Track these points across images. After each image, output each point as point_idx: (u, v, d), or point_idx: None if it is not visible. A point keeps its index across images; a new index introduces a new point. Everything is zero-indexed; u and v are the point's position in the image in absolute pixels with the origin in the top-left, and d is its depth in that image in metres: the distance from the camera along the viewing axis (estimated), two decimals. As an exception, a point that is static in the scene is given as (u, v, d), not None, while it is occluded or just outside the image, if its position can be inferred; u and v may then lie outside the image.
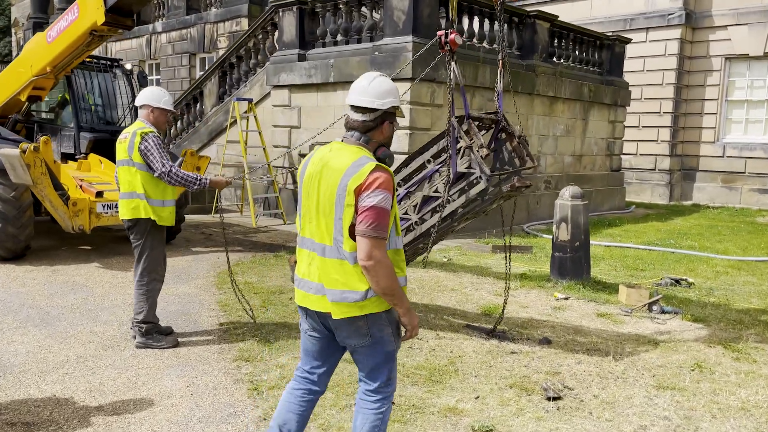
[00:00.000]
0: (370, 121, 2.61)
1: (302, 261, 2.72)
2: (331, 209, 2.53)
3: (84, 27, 7.44)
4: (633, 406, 3.89)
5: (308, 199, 2.64)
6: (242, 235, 9.98)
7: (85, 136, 9.05)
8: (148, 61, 21.56)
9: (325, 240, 2.57)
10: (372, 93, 2.60)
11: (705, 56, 16.86)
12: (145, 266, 4.78)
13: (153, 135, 4.68)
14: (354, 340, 2.63)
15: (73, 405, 3.77)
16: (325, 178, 2.56)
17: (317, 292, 2.63)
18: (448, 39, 4.59)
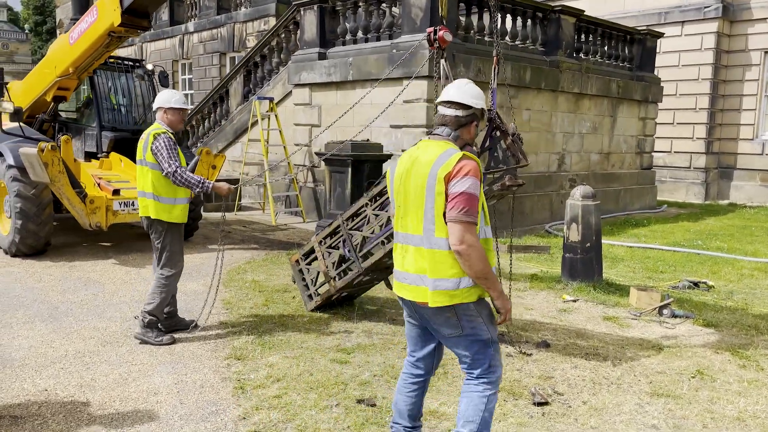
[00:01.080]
0: (462, 117, 2.81)
1: (398, 255, 2.89)
2: (422, 200, 2.70)
3: (102, 28, 7.60)
4: (621, 414, 3.77)
5: (399, 195, 2.85)
6: (260, 233, 10.07)
7: (107, 135, 9.27)
8: (180, 61, 21.96)
9: (418, 230, 2.74)
10: (468, 93, 2.84)
11: (743, 50, 16.25)
12: (165, 262, 4.94)
13: (165, 136, 4.79)
14: (446, 329, 2.78)
15: (62, 400, 3.86)
16: (415, 171, 2.75)
17: (412, 282, 2.79)
18: (437, 36, 4.51)
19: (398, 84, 10.03)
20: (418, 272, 2.75)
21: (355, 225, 5.18)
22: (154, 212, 4.86)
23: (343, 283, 5.28)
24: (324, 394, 3.95)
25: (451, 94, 2.83)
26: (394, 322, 5.47)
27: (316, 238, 5.46)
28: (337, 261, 5.29)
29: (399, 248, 2.89)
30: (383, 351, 4.74)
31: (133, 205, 7.95)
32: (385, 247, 4.90)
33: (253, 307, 5.83)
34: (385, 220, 4.95)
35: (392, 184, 2.93)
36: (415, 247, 2.76)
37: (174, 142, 4.82)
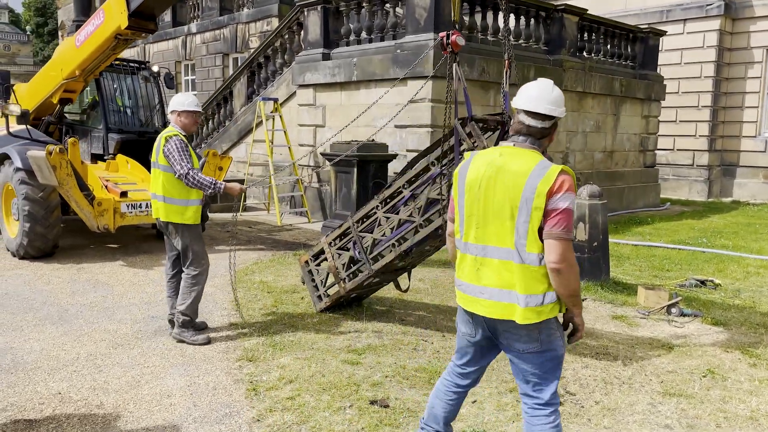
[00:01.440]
0: (547, 127, 2.66)
1: (466, 266, 2.73)
2: (513, 213, 2.55)
3: (109, 31, 7.62)
4: (634, 413, 3.78)
5: (477, 203, 2.66)
6: (266, 234, 10.09)
7: (113, 137, 9.29)
8: (183, 62, 21.99)
9: (505, 243, 2.58)
10: (553, 101, 2.66)
11: (745, 48, 16.25)
12: (190, 261, 4.98)
13: (177, 138, 4.82)
14: (522, 344, 2.63)
15: (75, 403, 3.88)
16: (503, 182, 2.58)
17: (491, 297, 2.63)
18: (450, 40, 4.51)
19: (403, 84, 10.05)
20: (502, 287, 2.60)
21: (366, 227, 5.19)
22: (164, 215, 4.90)
23: (353, 285, 5.29)
24: (337, 395, 3.97)
25: (533, 105, 2.63)
26: (403, 322, 5.48)
27: (326, 239, 5.47)
28: (347, 262, 5.30)
29: (469, 260, 2.71)
30: (394, 352, 4.76)
31: (141, 207, 7.98)
32: (396, 250, 4.91)
33: (263, 308, 5.85)
34: (396, 222, 4.96)
35: (462, 189, 2.74)
36: (500, 261, 2.60)
37: (186, 144, 4.84)
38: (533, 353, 2.62)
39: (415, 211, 4.83)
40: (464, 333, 2.85)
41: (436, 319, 5.59)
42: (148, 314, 5.70)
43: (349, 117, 11.09)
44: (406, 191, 4.92)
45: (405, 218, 4.88)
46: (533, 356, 2.63)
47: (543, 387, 2.68)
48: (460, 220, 2.76)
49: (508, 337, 2.65)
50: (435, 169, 4.78)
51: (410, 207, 4.89)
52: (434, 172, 4.75)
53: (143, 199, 8.06)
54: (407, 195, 4.91)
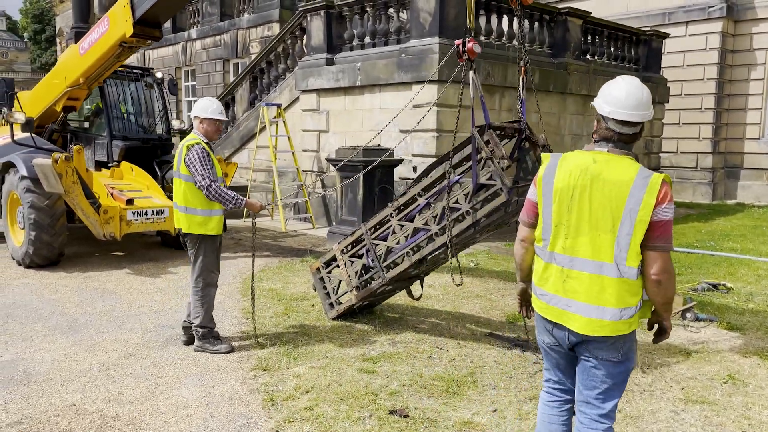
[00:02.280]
0: (638, 132, 2.57)
1: (550, 276, 2.63)
2: (615, 225, 2.44)
3: (114, 39, 7.58)
4: (658, 422, 3.73)
5: (568, 213, 2.55)
6: (271, 240, 10.03)
7: (118, 144, 9.24)
8: (183, 68, 21.96)
9: (600, 257, 2.48)
10: (645, 105, 2.55)
11: (748, 50, 16.25)
12: (198, 273, 4.90)
13: (199, 147, 4.73)
14: (604, 353, 2.56)
15: (91, 415, 3.82)
16: (601, 192, 2.47)
17: (578, 311, 2.54)
18: (466, 48, 4.46)
19: (407, 89, 10.03)
20: (591, 302, 2.50)
21: (379, 235, 5.13)
22: (186, 225, 4.83)
23: (366, 293, 5.24)
24: (355, 405, 3.92)
25: (629, 114, 2.50)
26: (416, 330, 5.43)
27: (338, 246, 5.42)
28: (360, 270, 5.25)
29: (555, 270, 2.60)
30: (409, 360, 4.70)
31: (147, 215, 7.93)
32: (411, 258, 4.86)
33: (273, 316, 5.80)
34: (410, 231, 4.90)
35: (548, 196, 2.61)
36: (591, 274, 2.50)
37: (207, 153, 4.74)
38: (612, 362, 2.56)
39: (430, 220, 4.77)
40: (550, 344, 2.74)
41: (450, 327, 5.54)
42: (158, 323, 5.64)
43: (354, 122, 11.07)
44: (422, 199, 4.86)
45: (420, 226, 4.83)
46: (611, 365, 2.57)
47: (608, 398, 2.61)
48: (545, 228, 2.63)
49: (591, 344, 2.57)
50: (452, 177, 4.72)
51: (426, 215, 4.83)
52: (451, 181, 4.69)
53: (149, 206, 8.02)
54: (422, 203, 4.86)
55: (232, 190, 4.85)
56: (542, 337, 2.77)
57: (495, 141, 4.35)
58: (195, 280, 4.93)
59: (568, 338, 2.61)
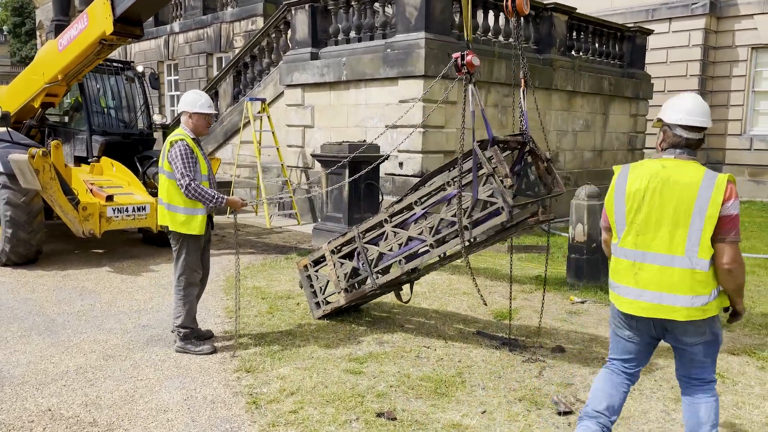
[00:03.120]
0: (702, 138, 2.88)
1: (622, 269, 2.93)
2: (686, 221, 2.74)
3: (93, 36, 7.37)
4: (649, 422, 3.68)
5: (639, 213, 2.85)
6: (255, 237, 9.90)
7: (97, 139, 9.04)
8: (166, 62, 21.65)
9: (674, 251, 2.78)
10: (706, 113, 2.88)
11: (730, 46, 16.34)
12: (181, 272, 4.78)
13: (182, 143, 4.59)
14: (690, 338, 2.86)
15: (66, 420, 3.69)
16: (671, 193, 2.77)
17: (652, 299, 2.83)
18: (465, 61, 4.35)
19: (393, 84, 9.93)
20: (662, 290, 2.81)
21: (371, 238, 5.02)
22: (169, 223, 4.70)
23: (355, 297, 5.16)
24: (341, 407, 3.82)
25: (696, 120, 2.83)
26: (403, 329, 5.35)
27: (327, 246, 5.30)
28: (350, 272, 5.15)
29: (626, 264, 2.91)
30: (396, 360, 4.62)
31: (128, 212, 7.76)
32: (403, 267, 4.76)
33: (257, 315, 5.68)
34: (404, 239, 4.77)
35: (620, 200, 2.91)
36: (661, 266, 2.80)
37: (191, 150, 4.60)
38: (701, 344, 2.87)
39: (426, 230, 4.66)
40: (627, 336, 3.02)
41: (437, 325, 5.47)
42: (138, 323, 5.51)
43: (339, 117, 10.95)
44: (418, 208, 4.73)
45: (415, 236, 4.72)
46: (700, 347, 2.87)
47: (706, 368, 2.94)
48: (618, 228, 2.93)
49: (676, 331, 2.87)
50: (451, 190, 4.58)
51: (421, 225, 4.71)
52: (450, 193, 4.56)
53: (130, 203, 7.85)
54: (419, 213, 4.73)
55: (212, 189, 4.72)
56: (620, 330, 3.05)
57: (499, 158, 4.23)
58: (177, 279, 4.81)
59: (649, 326, 2.92)
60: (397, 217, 4.87)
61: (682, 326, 2.83)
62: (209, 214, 4.78)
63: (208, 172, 4.79)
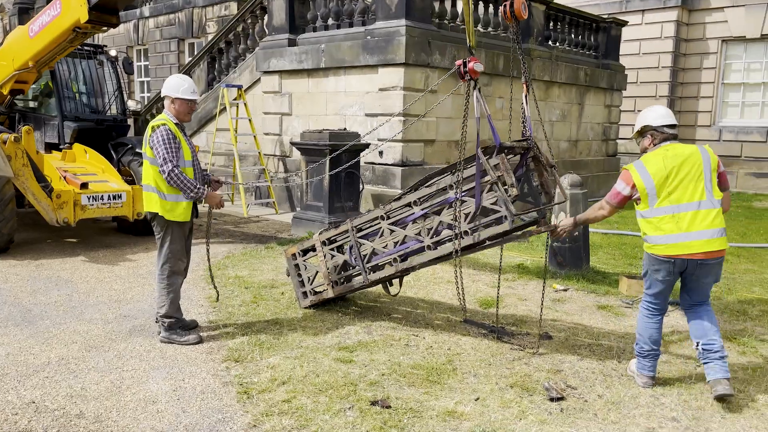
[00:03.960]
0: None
1: (666, 224, 3.76)
2: (701, 176, 3.75)
3: (67, 24, 7.11)
4: (639, 407, 3.74)
5: (669, 180, 3.75)
6: (233, 226, 9.77)
7: (69, 126, 8.79)
8: (135, 47, 21.15)
9: (698, 198, 3.74)
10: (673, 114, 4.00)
11: (701, 39, 16.64)
12: (165, 260, 4.68)
13: (164, 128, 4.48)
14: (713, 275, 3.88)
15: (52, 412, 3.58)
16: (682, 160, 3.77)
17: (709, 236, 3.73)
18: (468, 68, 4.30)
19: (373, 72, 9.86)
20: (712, 227, 3.73)
21: (365, 233, 4.97)
22: (153, 208, 4.60)
23: (345, 290, 5.14)
24: (335, 396, 3.79)
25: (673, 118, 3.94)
26: (391, 317, 5.34)
27: (319, 236, 5.24)
28: (341, 265, 5.11)
29: (667, 218, 3.75)
30: (386, 348, 4.61)
31: (103, 200, 7.57)
32: (397, 266, 4.73)
33: (242, 305, 5.61)
34: (401, 237, 4.72)
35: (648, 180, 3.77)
36: (695, 211, 3.73)
37: (173, 135, 4.49)
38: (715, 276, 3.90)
39: (424, 231, 4.62)
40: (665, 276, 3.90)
41: (425, 314, 5.47)
42: (119, 313, 5.38)
43: (317, 105, 10.84)
44: (417, 209, 4.68)
45: (413, 236, 4.68)
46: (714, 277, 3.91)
47: (707, 292, 3.99)
48: (650, 198, 3.80)
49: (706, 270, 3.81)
50: (451, 194, 4.52)
51: (419, 225, 4.66)
52: (450, 197, 4.49)
53: (105, 190, 7.66)
54: (418, 213, 4.67)
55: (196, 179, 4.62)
56: (660, 274, 3.89)
57: (506, 167, 4.18)
58: (161, 268, 4.70)
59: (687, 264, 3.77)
60: (395, 214, 4.82)
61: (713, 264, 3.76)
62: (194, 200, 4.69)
63: (192, 158, 4.68)
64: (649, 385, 4.00)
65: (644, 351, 4.02)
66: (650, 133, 3.92)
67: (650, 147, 3.93)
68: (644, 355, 4.03)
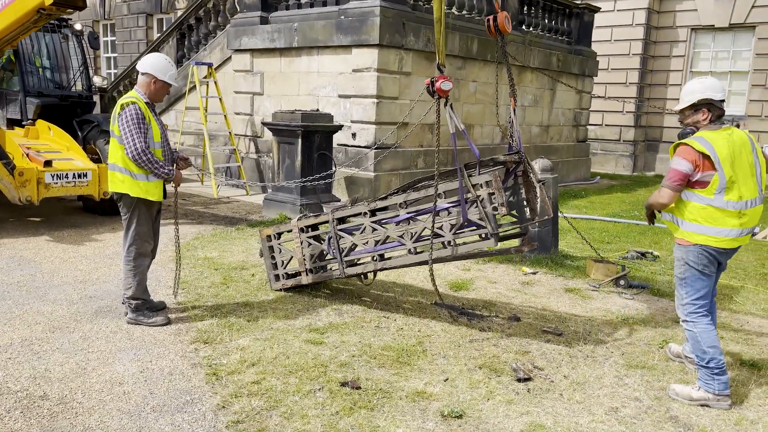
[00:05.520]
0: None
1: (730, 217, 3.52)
2: (754, 170, 3.58)
3: (30, 5, 6.81)
4: (603, 387, 3.82)
5: (734, 171, 3.49)
6: (203, 207, 9.64)
7: (32, 101, 8.53)
8: (102, 22, 20.58)
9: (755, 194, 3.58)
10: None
11: (671, 27, 16.87)
12: (131, 241, 4.60)
13: (133, 107, 4.37)
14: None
15: (15, 394, 3.51)
16: (743, 150, 3.54)
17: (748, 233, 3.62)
18: (435, 88, 4.26)
19: (347, 52, 9.76)
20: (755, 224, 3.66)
21: (346, 227, 4.94)
22: (120, 187, 4.49)
23: (320, 279, 5.13)
24: (304, 377, 3.79)
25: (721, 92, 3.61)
26: (362, 299, 5.35)
27: (297, 222, 5.19)
28: (317, 254, 5.08)
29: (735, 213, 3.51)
30: (357, 330, 4.61)
31: (67, 178, 7.39)
32: (376, 264, 4.74)
33: (212, 286, 5.55)
34: (383, 237, 4.70)
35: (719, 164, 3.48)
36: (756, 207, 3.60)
37: (143, 115, 4.38)
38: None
39: (407, 235, 4.60)
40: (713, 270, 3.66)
41: (396, 297, 5.49)
42: (84, 294, 5.28)
43: (290, 85, 10.70)
44: (403, 212, 4.65)
45: (395, 237, 4.66)
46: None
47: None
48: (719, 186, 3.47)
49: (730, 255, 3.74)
50: (442, 202, 4.48)
51: (403, 228, 4.64)
52: (439, 206, 4.45)
53: (70, 168, 7.47)
54: (403, 216, 4.65)
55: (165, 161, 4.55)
56: (709, 267, 3.63)
57: (498, 186, 4.16)
58: (127, 249, 4.62)
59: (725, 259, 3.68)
60: (380, 213, 4.80)
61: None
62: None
63: (161, 139, 4.59)
64: (731, 405, 3.54)
65: (721, 364, 3.54)
66: (707, 107, 3.50)
67: (703, 123, 3.53)
68: (722, 369, 3.53)
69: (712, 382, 3.53)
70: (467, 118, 11.24)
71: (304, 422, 3.28)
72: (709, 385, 3.54)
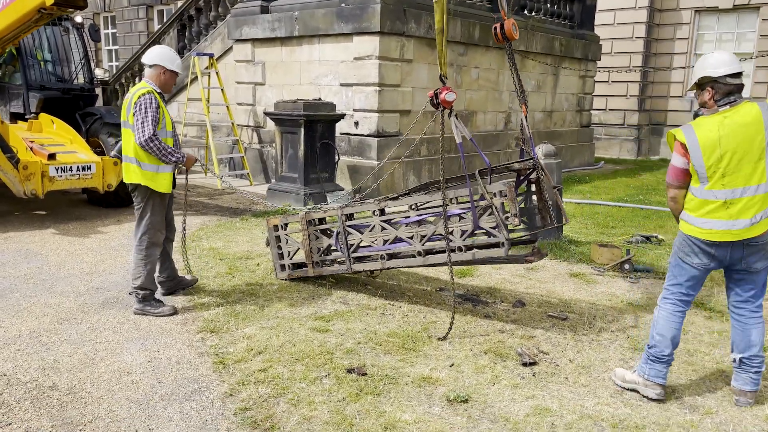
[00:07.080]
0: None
1: (716, 209, 3.26)
2: (762, 154, 3.20)
3: (31, 5, 6.79)
4: (609, 370, 3.83)
5: (721, 160, 3.21)
6: (207, 198, 9.65)
7: (35, 95, 8.54)
8: (102, 14, 20.53)
9: (757, 181, 3.22)
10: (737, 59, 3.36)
11: (675, 9, 16.72)
12: (144, 231, 4.63)
13: (150, 96, 4.43)
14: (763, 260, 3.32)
15: (25, 385, 3.55)
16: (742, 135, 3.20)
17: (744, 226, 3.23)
18: (439, 100, 4.22)
19: (348, 40, 9.72)
20: (752, 216, 3.24)
21: (354, 224, 4.94)
22: (134, 178, 4.54)
23: (325, 273, 5.14)
24: (311, 365, 3.82)
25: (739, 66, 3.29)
26: (367, 287, 5.36)
27: (305, 215, 5.19)
28: (325, 248, 5.10)
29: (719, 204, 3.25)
30: (362, 317, 4.63)
31: (71, 171, 7.41)
32: (383, 263, 4.73)
33: (217, 276, 5.58)
34: (392, 237, 4.69)
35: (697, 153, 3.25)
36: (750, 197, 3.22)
37: (157, 105, 4.44)
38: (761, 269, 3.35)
39: (417, 236, 4.60)
40: (701, 263, 3.37)
41: (400, 284, 5.50)
42: (91, 286, 5.32)
43: (291, 75, 10.68)
44: (414, 214, 4.64)
45: (405, 238, 4.66)
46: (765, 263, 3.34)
47: (763, 290, 3.40)
48: (700, 177, 3.26)
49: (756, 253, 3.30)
50: (452, 208, 4.44)
51: (413, 230, 4.63)
52: (450, 212, 4.40)
53: (74, 161, 7.49)
54: (414, 218, 4.64)
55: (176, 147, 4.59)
56: (696, 258, 3.38)
57: (512, 196, 4.11)
58: (139, 239, 4.65)
59: (729, 254, 3.30)
60: (390, 212, 4.80)
61: (757, 247, 3.28)
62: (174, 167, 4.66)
63: (172, 129, 4.65)
64: (663, 396, 3.47)
65: (662, 354, 3.47)
66: (710, 86, 3.27)
67: (710, 104, 3.32)
68: (661, 359, 3.48)
69: (646, 366, 3.51)
70: (470, 104, 11.21)
71: (311, 409, 3.30)
72: (642, 369, 3.52)
